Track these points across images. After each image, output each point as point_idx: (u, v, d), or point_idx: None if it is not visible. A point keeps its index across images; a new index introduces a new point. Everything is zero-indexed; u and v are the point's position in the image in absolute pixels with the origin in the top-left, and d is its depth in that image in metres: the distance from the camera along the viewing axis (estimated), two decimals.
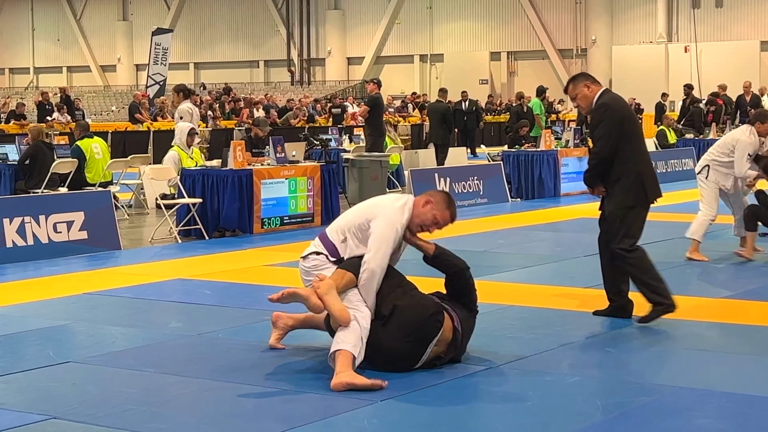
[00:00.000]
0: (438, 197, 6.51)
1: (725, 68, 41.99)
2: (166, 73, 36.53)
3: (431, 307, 6.27)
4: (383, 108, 18.85)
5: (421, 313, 6.22)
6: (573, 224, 14.47)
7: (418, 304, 6.26)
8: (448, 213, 6.50)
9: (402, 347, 6.20)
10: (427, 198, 6.50)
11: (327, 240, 6.51)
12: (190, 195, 13.04)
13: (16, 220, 11.04)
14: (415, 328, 6.20)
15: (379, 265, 6.22)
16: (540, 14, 50.36)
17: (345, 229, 6.45)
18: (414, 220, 6.44)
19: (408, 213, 6.42)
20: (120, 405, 5.67)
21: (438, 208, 6.47)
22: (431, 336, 6.21)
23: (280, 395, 5.89)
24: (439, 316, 6.25)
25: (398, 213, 6.38)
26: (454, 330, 6.30)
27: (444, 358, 6.33)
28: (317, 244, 6.56)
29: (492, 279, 9.54)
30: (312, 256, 6.53)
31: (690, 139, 23.15)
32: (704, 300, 8.72)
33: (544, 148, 18.28)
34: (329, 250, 6.47)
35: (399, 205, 6.43)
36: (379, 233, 6.27)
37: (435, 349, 6.26)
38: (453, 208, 6.54)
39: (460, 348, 6.40)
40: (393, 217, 6.34)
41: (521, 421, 5.43)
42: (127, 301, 8.92)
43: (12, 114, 29.05)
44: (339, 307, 6.11)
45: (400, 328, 6.20)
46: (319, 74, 56.23)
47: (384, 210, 6.39)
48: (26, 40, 62.58)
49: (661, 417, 5.41)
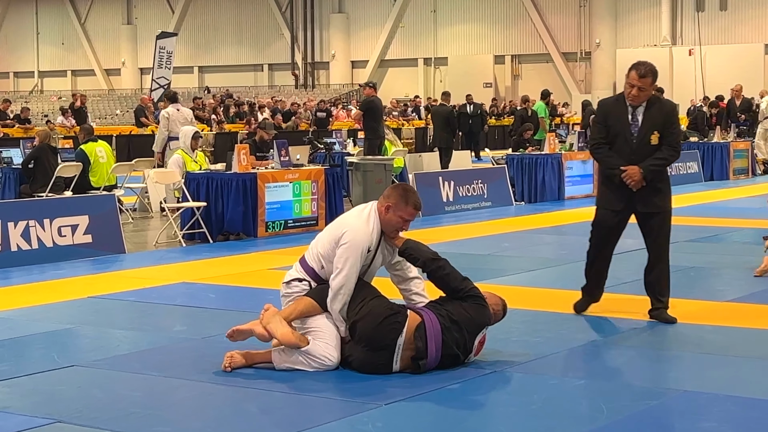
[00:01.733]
0: (394, 197, 6.52)
1: (729, 71, 41.95)
2: (170, 77, 36.56)
3: (382, 313, 6.29)
4: (379, 111, 18.83)
5: (371, 322, 6.27)
6: (577, 227, 14.43)
7: (369, 314, 6.30)
8: (410, 208, 6.52)
9: (366, 358, 6.27)
10: (386, 204, 6.52)
11: (307, 266, 6.62)
12: (194, 198, 13.05)
13: (21, 224, 11.04)
14: (371, 337, 6.26)
15: (339, 284, 6.34)
16: (544, 17, 50.36)
17: (319, 256, 6.55)
18: (385, 228, 6.52)
19: (373, 221, 6.49)
20: (124, 408, 5.67)
21: (399, 209, 6.50)
22: (390, 339, 6.22)
23: (284, 399, 5.89)
24: (395, 317, 6.26)
25: (363, 228, 6.46)
26: (422, 326, 6.26)
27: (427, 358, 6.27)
28: (299, 269, 6.65)
29: (497, 282, 9.53)
30: (295, 282, 6.61)
31: (694, 142, 23.13)
32: (709, 303, 8.71)
33: (549, 152, 18.27)
34: (311, 276, 6.59)
35: (363, 219, 6.51)
36: (340, 254, 6.38)
37: (406, 353, 6.24)
38: (413, 199, 6.53)
39: (454, 343, 6.31)
40: (356, 236, 6.41)
41: (526, 425, 5.42)
42: (131, 304, 8.93)
43: (17, 118, 29.10)
44: (283, 332, 6.31)
45: (359, 341, 6.31)
46: (323, 78, 56.26)
47: (348, 230, 6.45)
48: (31, 44, 62.67)
49: (666, 421, 5.41)
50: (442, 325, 6.29)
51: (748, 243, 12.36)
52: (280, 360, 6.41)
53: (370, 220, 6.49)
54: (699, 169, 22.24)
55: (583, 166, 18.69)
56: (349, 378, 6.24)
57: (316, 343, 6.34)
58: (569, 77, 50.19)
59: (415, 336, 6.24)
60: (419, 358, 6.26)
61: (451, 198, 16.37)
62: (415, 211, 6.56)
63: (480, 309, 6.44)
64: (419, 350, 6.24)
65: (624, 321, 7.90)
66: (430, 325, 6.27)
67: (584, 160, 18.65)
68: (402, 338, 6.24)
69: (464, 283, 6.49)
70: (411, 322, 6.28)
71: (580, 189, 18.50)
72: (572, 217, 15.47)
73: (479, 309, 6.44)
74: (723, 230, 13.52)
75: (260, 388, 6.08)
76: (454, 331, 6.31)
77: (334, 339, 6.37)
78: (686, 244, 12.23)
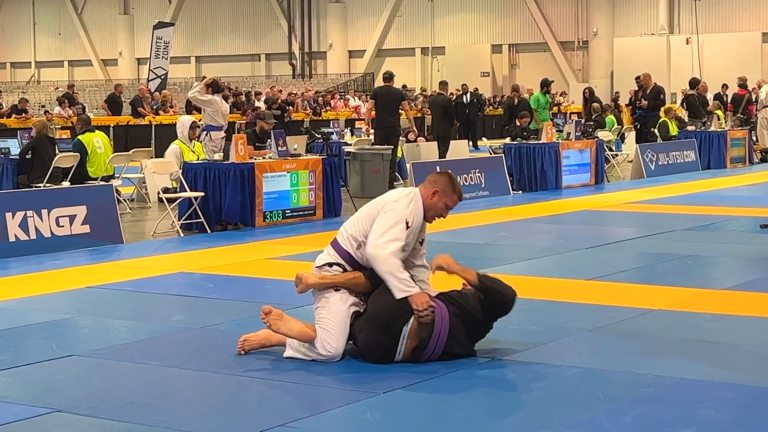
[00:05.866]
0: (443, 184, 6.54)
1: (727, 60, 41.99)
2: (167, 67, 36.53)
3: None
4: (388, 101, 18.52)
5: (384, 301, 6.26)
6: (575, 216, 14.48)
7: (386, 291, 6.28)
8: (456, 196, 6.60)
9: (371, 340, 6.27)
10: (433, 189, 6.52)
11: (340, 248, 6.51)
12: (192, 188, 13.05)
13: (19, 214, 11.05)
14: (379, 317, 6.26)
15: (377, 250, 6.24)
16: (541, 6, 50.33)
17: (356, 236, 6.45)
18: (427, 213, 6.53)
19: (414, 206, 6.46)
20: (123, 398, 5.69)
21: (446, 195, 6.54)
22: (396, 326, 6.23)
23: (282, 388, 5.90)
24: (406, 305, 6.26)
25: (402, 206, 6.42)
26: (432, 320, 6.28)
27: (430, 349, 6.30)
28: (332, 253, 6.54)
29: (494, 271, 9.51)
30: (326, 267, 6.51)
31: (691, 131, 23.14)
32: (706, 291, 8.73)
33: (546, 141, 18.27)
34: (345, 259, 6.47)
35: (403, 198, 6.48)
36: (386, 218, 6.33)
37: (409, 342, 6.26)
38: (459, 189, 6.63)
39: (462, 336, 6.34)
40: (398, 207, 6.39)
41: (524, 413, 5.45)
42: (129, 294, 8.94)
43: (14, 109, 29.08)
44: (297, 330, 6.36)
45: (368, 318, 6.31)
46: (320, 67, 56.22)
47: (387, 202, 6.44)
48: (28, 35, 62.59)
49: (663, 408, 5.43)
50: (452, 321, 6.31)
51: (745, 231, 12.39)
52: (289, 348, 6.43)
53: (410, 201, 6.46)
54: (696, 158, 22.26)
55: (581, 155, 18.70)
56: (347, 367, 6.26)
57: (319, 334, 6.34)
58: (566, 66, 50.18)
59: (421, 327, 6.25)
60: (421, 348, 6.28)
61: None
62: (458, 200, 6.62)
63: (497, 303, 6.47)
64: (423, 340, 6.26)
65: (621, 309, 7.92)
66: (440, 319, 6.28)
67: (581, 149, 18.66)
68: (408, 327, 6.24)
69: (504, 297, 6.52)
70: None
71: (578, 178, 18.49)
72: (569, 206, 15.49)
73: (499, 296, 6.45)
74: (720, 218, 13.54)
75: (259, 377, 6.09)
76: (461, 329, 6.32)
77: (339, 330, 6.34)
78: (683, 233, 12.26)
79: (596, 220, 14.20)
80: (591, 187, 18.33)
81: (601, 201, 16.27)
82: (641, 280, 9.29)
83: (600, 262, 10.35)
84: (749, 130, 24.44)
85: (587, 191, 17.79)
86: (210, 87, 15.96)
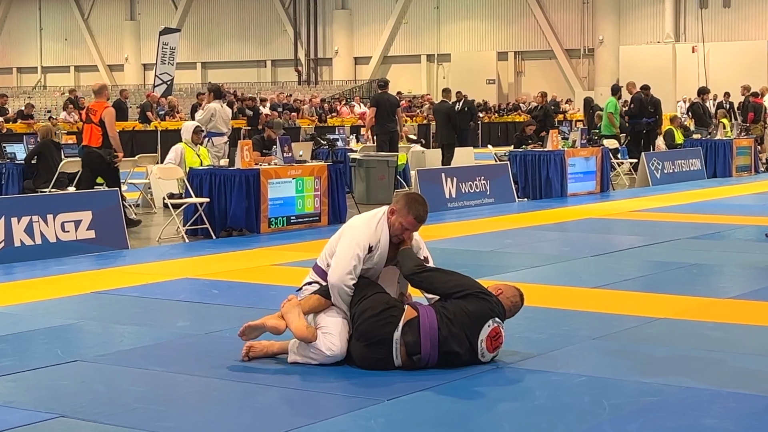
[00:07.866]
0: (401, 203, 6.54)
1: (733, 68, 41.99)
2: (173, 73, 36.58)
3: (378, 307, 6.32)
4: (385, 107, 18.91)
5: (367, 317, 6.30)
6: (580, 224, 14.46)
7: (366, 308, 6.33)
8: (410, 217, 6.49)
9: (364, 353, 6.31)
10: (391, 207, 6.57)
11: (319, 268, 6.69)
12: (197, 194, 13.07)
13: (24, 220, 11.06)
14: (367, 332, 6.29)
15: (338, 280, 6.37)
16: (547, 14, 50.37)
17: (326, 256, 6.62)
18: (390, 232, 6.54)
19: (378, 224, 6.52)
20: (128, 403, 5.69)
21: (401, 215, 6.50)
22: (385, 333, 6.25)
23: (287, 394, 5.91)
24: (391, 311, 6.29)
25: (364, 228, 6.49)
26: (415, 321, 6.26)
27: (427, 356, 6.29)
28: (311, 274, 6.74)
29: (499, 279, 9.53)
30: (306, 287, 6.69)
31: (697, 139, 23.13)
32: (711, 300, 8.72)
33: (551, 148, 18.26)
34: (322, 277, 6.63)
35: (368, 219, 6.56)
36: (338, 251, 6.46)
37: (403, 349, 6.26)
38: (416, 210, 6.50)
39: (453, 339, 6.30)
40: (355, 234, 6.46)
41: (528, 421, 5.44)
42: (134, 300, 8.94)
43: (20, 114, 29.12)
44: (297, 324, 6.38)
45: (359, 337, 6.34)
46: (326, 74, 56.30)
47: (349, 230, 6.55)
48: (34, 40, 62.73)
49: (667, 417, 5.42)
50: (439, 321, 6.29)
51: (750, 240, 12.38)
52: (291, 353, 6.47)
53: (376, 222, 6.53)
54: (702, 166, 22.24)
55: (586, 163, 18.69)
56: (351, 374, 6.26)
57: (321, 337, 6.40)
58: (572, 74, 50.20)
59: (404, 330, 6.26)
60: (412, 353, 6.26)
61: (453, 195, 16.37)
62: (415, 221, 6.51)
63: (480, 302, 6.38)
64: (409, 345, 6.25)
65: (626, 318, 7.91)
66: (425, 320, 6.27)
67: (587, 157, 18.65)
68: (398, 332, 6.26)
69: (453, 288, 6.45)
70: (407, 316, 6.30)
71: (583, 186, 18.49)
72: (575, 214, 15.48)
73: (479, 302, 6.39)
74: (726, 227, 13.53)
75: (264, 383, 6.09)
76: (452, 328, 6.29)
77: (339, 331, 6.39)
78: (689, 241, 12.24)
79: (601, 228, 14.19)
80: (596, 195, 18.31)
81: (607, 209, 16.25)
82: (646, 289, 9.28)
83: (605, 270, 10.34)
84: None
85: (593, 199, 17.78)
86: (212, 93, 16.06)
